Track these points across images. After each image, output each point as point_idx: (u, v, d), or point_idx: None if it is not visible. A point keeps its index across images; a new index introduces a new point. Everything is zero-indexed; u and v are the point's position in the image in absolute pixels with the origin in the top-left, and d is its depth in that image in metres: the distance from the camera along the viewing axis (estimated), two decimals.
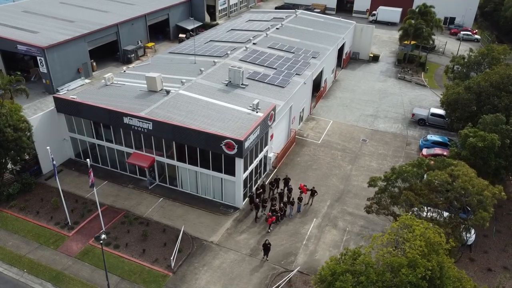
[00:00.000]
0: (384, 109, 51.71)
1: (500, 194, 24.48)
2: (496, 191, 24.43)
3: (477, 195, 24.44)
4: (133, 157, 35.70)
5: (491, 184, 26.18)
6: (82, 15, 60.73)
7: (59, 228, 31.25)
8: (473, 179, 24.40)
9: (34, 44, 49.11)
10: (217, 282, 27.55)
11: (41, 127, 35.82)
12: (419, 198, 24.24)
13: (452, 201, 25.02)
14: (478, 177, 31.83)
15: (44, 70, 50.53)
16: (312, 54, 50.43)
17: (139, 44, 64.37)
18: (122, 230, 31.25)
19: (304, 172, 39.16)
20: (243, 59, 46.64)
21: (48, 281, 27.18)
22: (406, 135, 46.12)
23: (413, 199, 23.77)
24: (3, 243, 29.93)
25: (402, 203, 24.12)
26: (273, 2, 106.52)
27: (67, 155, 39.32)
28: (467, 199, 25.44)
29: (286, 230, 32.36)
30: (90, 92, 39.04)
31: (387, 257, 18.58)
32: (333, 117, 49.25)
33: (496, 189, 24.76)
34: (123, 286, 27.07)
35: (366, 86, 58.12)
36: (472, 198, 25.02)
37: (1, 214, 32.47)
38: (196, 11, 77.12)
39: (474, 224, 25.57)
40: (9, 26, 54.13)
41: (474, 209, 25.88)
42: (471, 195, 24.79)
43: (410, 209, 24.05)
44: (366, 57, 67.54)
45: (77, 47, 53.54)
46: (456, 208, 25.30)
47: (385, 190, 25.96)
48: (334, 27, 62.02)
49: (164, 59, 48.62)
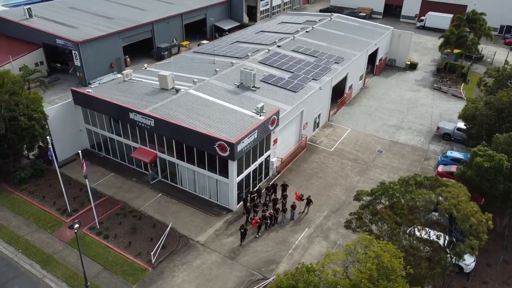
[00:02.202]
0: (409, 120, 49.19)
1: (487, 223, 22.39)
2: (483, 218, 22.37)
3: (464, 221, 22.57)
4: (137, 152, 36.86)
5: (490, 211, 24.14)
6: (121, 13, 63.60)
7: (59, 214, 33.04)
8: (460, 203, 22.52)
9: (69, 39, 52.23)
10: (192, 282, 27.76)
11: (58, 117, 37.97)
12: (396, 217, 22.80)
13: (434, 224, 23.28)
14: (486, 201, 29.69)
15: (78, 63, 53.57)
16: (336, 59, 49.10)
17: (174, 42, 66.19)
18: (115, 222, 32.41)
19: (308, 179, 38.30)
20: (262, 61, 46.45)
21: (38, 262, 28.87)
22: (427, 150, 43.55)
23: (388, 218, 22.40)
24: (7, 223, 32.19)
25: (378, 221, 22.80)
26: (320, 4, 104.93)
27: (82, 145, 41.34)
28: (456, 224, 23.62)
29: (274, 237, 31.85)
30: (107, 87, 40.82)
31: (330, 278, 17.69)
32: (352, 125, 47.64)
33: (485, 216, 22.68)
34: (103, 275, 28.10)
35: (396, 95, 55.58)
36: (464, 223, 23.16)
37: (12, 196, 34.92)
38: (235, 12, 77.93)
39: (462, 251, 23.61)
40: (52, 21, 57.98)
41: (466, 235, 24.00)
42: (458, 219, 22.95)
43: (387, 229, 22.69)
44: (402, 65, 64.56)
45: (111, 42, 56.15)
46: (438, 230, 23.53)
47: (368, 206, 24.71)
48: (368, 32, 59.94)
49: (186, 58, 49.67)
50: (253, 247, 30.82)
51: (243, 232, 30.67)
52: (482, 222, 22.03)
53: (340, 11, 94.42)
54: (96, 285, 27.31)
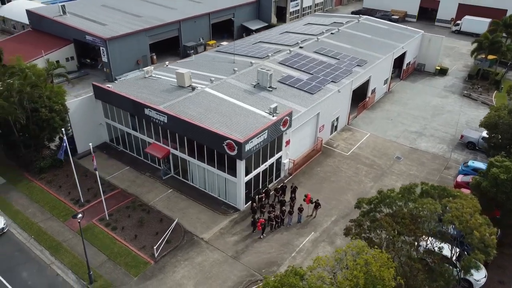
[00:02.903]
0: (433, 127, 47.51)
1: (489, 237, 21.23)
2: (487, 232, 21.23)
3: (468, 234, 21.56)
4: (151, 147, 37.57)
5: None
6: (150, 11, 65.05)
7: (72, 204, 34.16)
8: (464, 215, 21.50)
9: (98, 35, 53.94)
10: (192, 278, 27.97)
11: (79, 110, 39.26)
12: (397, 226, 22.03)
13: (439, 235, 22.34)
14: (502, 214, 28.28)
15: (105, 59, 55.23)
16: (358, 62, 48.14)
17: (201, 41, 67.00)
18: (124, 214, 33.13)
19: (319, 183, 37.76)
20: (282, 62, 46.23)
21: (47, 249, 29.96)
22: (448, 158, 41.91)
23: (387, 225, 21.68)
24: (24, 209, 33.61)
25: (376, 229, 22.12)
26: (352, 6, 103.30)
27: (102, 138, 42.60)
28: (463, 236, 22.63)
29: (279, 238, 31.59)
30: (127, 83, 41.86)
31: (315, 284, 17.31)
32: (372, 130, 46.54)
33: (490, 230, 21.52)
34: (107, 265, 28.80)
35: (422, 100, 53.83)
36: (471, 236, 22.13)
37: (31, 184, 36.43)
38: (263, 12, 77.98)
39: (467, 265, 22.58)
40: (84, 18, 60.08)
41: (472, 248, 22.96)
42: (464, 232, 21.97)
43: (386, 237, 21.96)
44: (432, 70, 62.44)
45: (138, 40, 57.54)
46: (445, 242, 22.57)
47: (368, 213, 24.04)
48: (396, 35, 58.41)
49: (208, 56, 50.16)
50: (256, 248, 30.70)
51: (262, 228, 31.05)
52: (486, 236, 20.91)
53: (373, 13, 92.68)
54: (99, 275, 28.03)
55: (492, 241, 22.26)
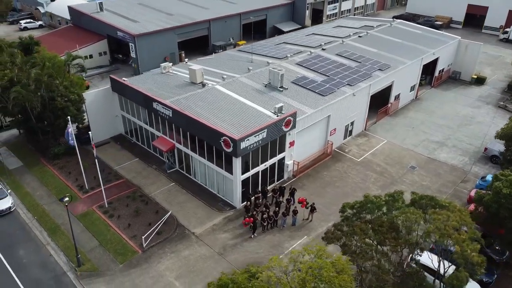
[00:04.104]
0: (457, 138, 44.79)
1: (470, 253, 19.49)
2: (468, 248, 19.53)
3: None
4: (158, 140, 38.34)
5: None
6: (183, 10, 66.57)
7: (78, 190, 35.56)
8: (447, 228, 19.99)
9: (127, 31, 55.98)
10: (174, 270, 28.15)
11: (96, 101, 40.83)
12: (373, 234, 20.89)
13: (414, 247, 20.91)
14: (506, 231, 26.26)
15: (134, 55, 57.16)
16: (380, 66, 46.42)
17: (231, 41, 67.61)
18: (123, 203, 33.99)
19: (323, 187, 36.77)
20: (300, 63, 45.60)
21: (46, 230, 31.39)
22: (468, 171, 39.32)
23: (361, 233, 20.61)
24: (33, 192, 35.44)
25: (348, 235, 21.10)
26: (395, 11, 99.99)
27: (118, 130, 44.06)
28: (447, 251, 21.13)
29: (270, 240, 31.08)
30: (144, 77, 43.05)
31: (259, 283, 16.78)
32: (390, 137, 44.66)
33: (472, 246, 19.77)
34: (97, 251, 29.67)
35: (450, 109, 50.95)
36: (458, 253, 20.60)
37: (45, 169, 38.36)
38: (297, 14, 77.39)
39: (448, 282, 21.04)
40: (119, 15, 62.62)
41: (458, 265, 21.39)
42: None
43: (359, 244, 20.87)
44: (468, 78, 58.93)
45: (166, 37, 59.04)
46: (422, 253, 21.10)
47: (348, 219, 23.03)
48: (429, 40, 55.75)
49: (228, 55, 50.45)
50: (245, 247, 30.39)
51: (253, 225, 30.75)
52: (467, 252, 19.32)
53: (416, 18, 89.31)
54: (88, 259, 28.93)
55: (475, 259, 20.57)
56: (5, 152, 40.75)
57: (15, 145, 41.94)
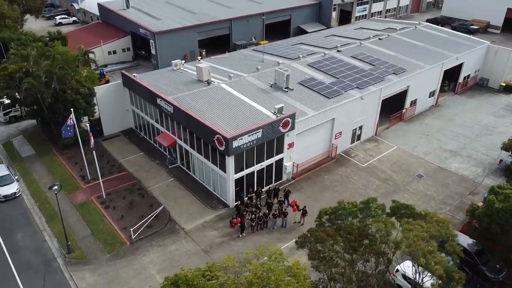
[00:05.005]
0: (473, 148, 42.61)
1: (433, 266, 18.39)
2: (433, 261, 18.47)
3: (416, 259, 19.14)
4: (161, 136, 39.02)
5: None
6: (207, 8, 67.33)
7: (80, 180, 36.81)
8: (415, 239, 19.04)
9: (148, 28, 57.32)
10: (157, 264, 28.53)
11: (107, 96, 42.10)
12: (340, 241, 20.23)
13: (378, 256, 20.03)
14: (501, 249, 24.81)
15: (153, 52, 58.44)
16: (395, 70, 44.93)
17: (252, 40, 67.68)
18: (121, 195, 34.84)
19: (321, 191, 36.08)
20: (311, 64, 44.98)
21: (45, 216, 32.72)
22: (479, 183, 37.30)
23: (328, 239, 20.00)
24: (40, 179, 37.03)
25: (313, 241, 20.53)
26: (430, 14, 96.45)
27: (129, 124, 45.20)
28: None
29: (257, 240, 30.81)
30: (155, 74, 43.92)
31: (202, 282, 16.68)
32: (401, 144, 43.13)
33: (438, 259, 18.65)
34: (88, 239, 30.57)
35: (471, 118, 48.53)
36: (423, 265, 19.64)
37: (54, 158, 39.98)
38: (323, 15, 76.30)
39: None
40: (144, 12, 64.26)
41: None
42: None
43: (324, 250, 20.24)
44: (496, 86, 55.93)
45: (187, 35, 59.94)
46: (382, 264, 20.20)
47: (322, 224, 22.45)
48: (453, 44, 53.39)
49: (241, 54, 50.47)
50: (231, 245, 30.36)
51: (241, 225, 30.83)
52: (431, 265, 18.31)
53: (450, 22, 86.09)
54: (78, 247, 29.88)
55: (461, 276, 19.53)
56: (21, 140, 42.88)
57: (31, 134, 44.00)
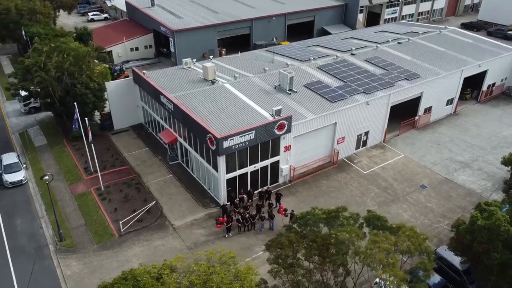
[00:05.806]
0: (486, 160, 40.49)
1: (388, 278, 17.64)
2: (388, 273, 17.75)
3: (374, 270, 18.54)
4: (163, 133, 39.80)
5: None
6: (229, 8, 67.76)
7: (83, 171, 38.20)
8: (375, 251, 18.42)
9: (168, 26, 58.51)
10: (140, 258, 29.10)
11: (118, 91, 43.40)
12: (301, 248, 19.86)
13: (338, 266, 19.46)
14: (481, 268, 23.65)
15: (172, 49, 59.58)
16: (408, 76, 43.42)
17: (274, 41, 67.48)
18: (118, 189, 35.85)
19: (316, 196, 35.55)
20: (321, 67, 44.32)
21: (45, 204, 34.24)
22: (485, 198, 35.40)
23: (288, 245, 19.69)
24: (47, 168, 38.77)
25: (275, 245, 20.25)
26: (466, 18, 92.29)
27: (138, 120, 46.38)
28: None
29: (243, 241, 30.88)
30: (164, 71, 44.78)
31: (145, 280, 16.93)
32: (409, 152, 41.68)
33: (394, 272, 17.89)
34: (81, 229, 31.72)
35: (490, 128, 46.10)
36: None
37: (63, 149, 41.71)
38: (349, 17, 74.83)
39: None
40: (167, 11, 65.62)
41: None
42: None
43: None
44: None
45: (206, 34, 60.66)
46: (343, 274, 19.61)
47: (290, 229, 22.14)
48: (477, 51, 50.91)
49: (254, 55, 50.41)
50: (216, 244, 30.39)
51: (228, 227, 31.02)
52: (390, 279, 17.65)
53: (487, 27, 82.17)
54: (70, 236, 31.08)
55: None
56: (37, 131, 45.06)
57: (47, 125, 46.12)
